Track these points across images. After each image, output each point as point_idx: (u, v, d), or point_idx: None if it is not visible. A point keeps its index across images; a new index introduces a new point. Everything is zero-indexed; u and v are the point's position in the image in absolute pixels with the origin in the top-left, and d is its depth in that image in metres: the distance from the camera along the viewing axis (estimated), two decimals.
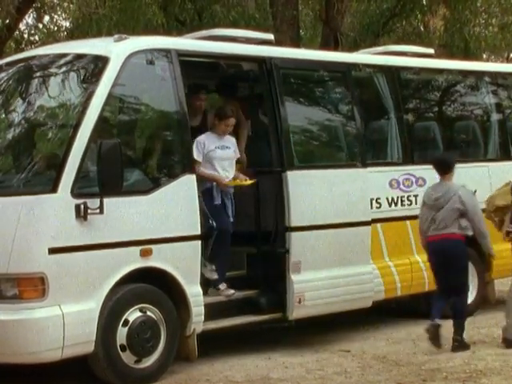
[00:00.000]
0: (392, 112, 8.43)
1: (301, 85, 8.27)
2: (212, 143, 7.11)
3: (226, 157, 7.18)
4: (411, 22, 16.98)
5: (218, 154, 7.11)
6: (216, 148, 7.10)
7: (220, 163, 7.11)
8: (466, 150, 9.42)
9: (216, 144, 7.13)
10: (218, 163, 7.09)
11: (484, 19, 18.05)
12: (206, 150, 7.03)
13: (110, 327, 5.97)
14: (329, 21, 13.12)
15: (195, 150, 6.92)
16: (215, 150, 7.09)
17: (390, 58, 8.75)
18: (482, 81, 9.54)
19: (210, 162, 7.07)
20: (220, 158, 7.10)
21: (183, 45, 7.09)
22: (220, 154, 7.12)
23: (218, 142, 7.16)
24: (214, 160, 7.07)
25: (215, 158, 7.08)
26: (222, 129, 7.18)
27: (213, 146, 7.09)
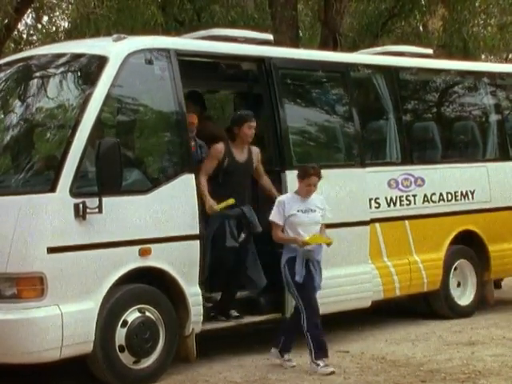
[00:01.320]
0: (391, 112, 8.43)
1: (300, 85, 8.26)
2: (294, 206, 6.54)
3: (310, 221, 6.56)
4: (410, 23, 16.97)
5: (301, 219, 6.52)
6: (298, 212, 6.53)
7: (303, 229, 6.51)
8: (465, 150, 9.42)
9: (299, 207, 6.55)
10: (302, 229, 6.51)
11: (483, 19, 18.05)
12: (287, 213, 6.52)
13: (108, 327, 5.95)
14: (327, 21, 13.12)
15: (275, 212, 6.55)
16: (297, 213, 6.52)
17: (389, 58, 8.76)
18: (481, 81, 9.54)
19: (292, 227, 6.52)
20: (303, 223, 6.52)
21: (182, 44, 7.08)
22: (302, 218, 6.53)
23: (301, 204, 6.57)
24: (295, 225, 6.52)
25: (297, 223, 6.51)
26: (305, 190, 6.58)
27: (295, 209, 6.52)
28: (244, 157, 6.96)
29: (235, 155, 6.92)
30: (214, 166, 6.87)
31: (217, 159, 6.88)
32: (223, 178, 6.91)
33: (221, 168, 6.88)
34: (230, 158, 6.89)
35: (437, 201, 8.45)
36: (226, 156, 6.89)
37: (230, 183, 6.88)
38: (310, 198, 6.63)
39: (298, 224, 6.52)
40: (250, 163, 7.00)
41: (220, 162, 6.88)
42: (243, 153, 6.96)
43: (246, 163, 6.97)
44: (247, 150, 6.99)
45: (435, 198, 8.44)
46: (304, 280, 6.44)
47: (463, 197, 8.70)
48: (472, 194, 8.79)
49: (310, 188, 6.59)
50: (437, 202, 8.45)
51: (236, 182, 6.89)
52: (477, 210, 8.80)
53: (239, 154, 6.95)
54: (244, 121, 6.86)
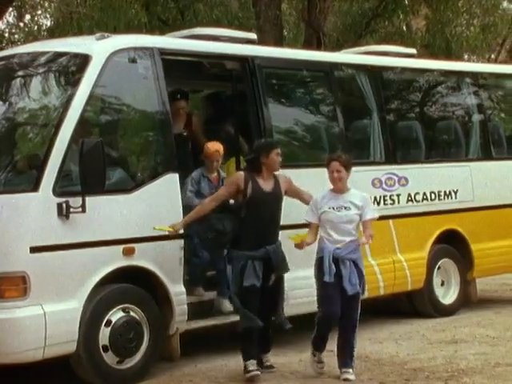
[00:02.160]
0: (374, 112, 8.44)
1: (284, 84, 8.27)
2: (327, 202, 6.17)
3: (340, 220, 6.11)
4: (393, 22, 17.01)
5: (329, 217, 6.13)
6: (330, 209, 6.14)
7: (333, 227, 6.12)
8: (448, 149, 9.46)
9: (331, 203, 6.16)
10: (331, 227, 6.13)
11: (465, 20, 18.15)
12: (319, 211, 6.15)
13: (92, 327, 5.92)
14: (311, 21, 13.13)
15: (308, 209, 6.25)
16: (327, 210, 6.14)
17: (373, 57, 8.78)
18: (464, 81, 9.58)
19: (322, 225, 6.17)
20: (331, 222, 6.12)
21: (166, 43, 7.06)
22: (331, 216, 6.12)
23: (334, 200, 6.17)
24: (324, 223, 6.15)
25: (326, 221, 6.14)
26: (331, 180, 6.20)
27: (326, 206, 6.15)
28: (270, 186, 6.24)
29: (260, 184, 6.19)
30: (229, 193, 6.27)
31: (235, 186, 6.21)
32: (246, 212, 6.16)
33: (243, 199, 6.18)
34: (255, 187, 6.16)
35: (420, 200, 8.48)
36: (247, 184, 6.15)
37: (254, 217, 6.13)
38: (345, 194, 6.19)
39: (327, 222, 6.14)
40: (278, 193, 6.28)
41: (241, 192, 6.18)
42: (269, 182, 6.25)
43: (274, 193, 6.24)
44: (273, 178, 6.30)
45: (419, 197, 8.47)
46: (328, 285, 6.05)
47: (446, 196, 8.73)
48: (455, 193, 8.82)
49: (333, 176, 6.15)
50: (420, 201, 8.48)
51: (261, 216, 6.14)
52: (460, 210, 8.83)
53: (265, 183, 6.22)
54: (272, 147, 6.26)
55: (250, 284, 6.02)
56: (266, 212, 6.15)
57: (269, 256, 6.13)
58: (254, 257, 6.07)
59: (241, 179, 6.19)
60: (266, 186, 6.22)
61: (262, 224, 6.12)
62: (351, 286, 6.09)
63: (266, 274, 6.13)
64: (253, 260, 6.07)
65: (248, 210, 6.14)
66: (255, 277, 6.05)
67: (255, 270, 6.05)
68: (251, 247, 6.09)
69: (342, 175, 6.18)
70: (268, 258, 6.13)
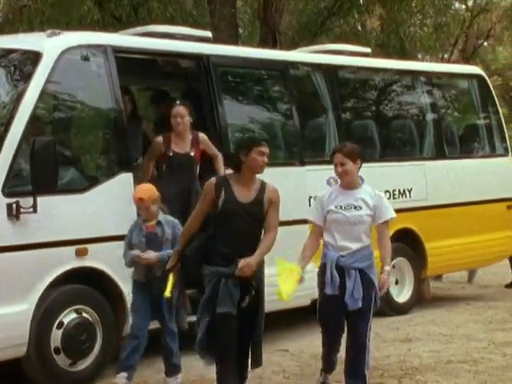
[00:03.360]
0: (330, 110, 8.46)
1: (239, 83, 8.24)
2: (334, 200, 5.29)
3: (348, 220, 5.24)
4: (348, 22, 17.11)
5: (335, 217, 5.26)
6: (337, 208, 5.27)
7: (340, 230, 5.26)
8: (403, 148, 9.53)
9: (339, 201, 5.28)
10: (337, 230, 5.27)
11: (419, 20, 18.32)
12: (325, 209, 5.30)
13: (43, 329, 5.83)
14: (267, 19, 13.12)
15: (311, 208, 5.55)
16: (333, 209, 5.28)
17: (328, 56, 8.79)
18: (418, 80, 9.66)
19: (327, 227, 5.31)
20: (337, 223, 5.26)
21: (119, 41, 6.97)
22: (337, 216, 5.25)
23: (342, 198, 5.29)
24: (330, 225, 5.28)
25: (331, 222, 5.27)
26: (336, 174, 5.37)
27: (333, 205, 5.28)
28: (249, 195, 5.05)
29: (236, 192, 5.01)
30: (207, 205, 5.10)
31: (210, 196, 5.07)
32: (216, 223, 5.06)
33: (213, 209, 5.07)
34: (228, 196, 5.00)
35: None
36: (220, 193, 5.00)
37: (228, 232, 5.01)
38: (356, 191, 5.31)
39: (333, 223, 5.24)
40: (259, 205, 5.04)
41: (214, 202, 5.06)
42: (250, 190, 5.06)
43: (253, 204, 5.03)
44: (257, 186, 5.09)
45: None
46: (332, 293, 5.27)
47: (401, 195, 8.79)
48: (409, 192, 8.89)
49: (338, 170, 5.30)
50: None
51: (235, 232, 4.99)
52: (414, 208, 8.90)
53: (243, 192, 5.04)
54: (254, 144, 5.08)
55: (224, 311, 4.97)
56: (237, 228, 4.99)
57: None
58: (229, 274, 4.98)
59: (212, 186, 5.07)
60: (244, 195, 5.02)
61: (233, 240, 5.01)
62: (352, 301, 5.23)
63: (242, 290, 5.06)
64: (227, 278, 4.99)
65: (218, 225, 5.04)
66: (230, 302, 4.98)
67: (230, 292, 4.99)
68: (223, 264, 5.01)
69: (348, 168, 5.26)
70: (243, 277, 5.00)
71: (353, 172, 5.31)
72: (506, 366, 6.47)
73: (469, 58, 25.43)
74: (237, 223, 5.00)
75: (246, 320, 5.14)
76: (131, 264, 5.89)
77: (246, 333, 5.19)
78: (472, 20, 23.62)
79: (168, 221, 5.94)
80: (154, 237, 5.86)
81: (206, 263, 5.10)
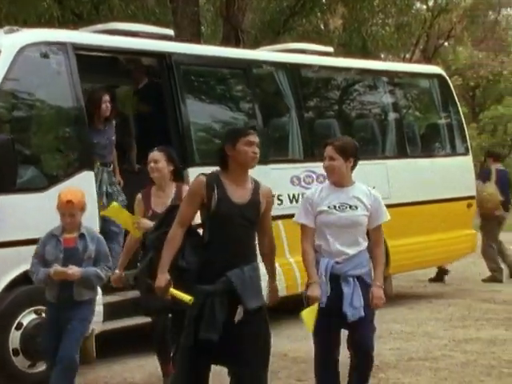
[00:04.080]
0: (293, 109, 8.47)
1: (202, 81, 8.20)
2: (325, 198, 4.68)
3: (343, 223, 4.63)
4: (311, 21, 17.16)
5: (328, 218, 4.64)
6: (330, 207, 4.66)
7: (334, 234, 4.65)
8: (365, 147, 9.56)
9: (332, 200, 4.67)
10: (331, 233, 4.66)
11: (381, 19, 18.44)
12: (316, 209, 4.67)
13: (1, 331, 5.75)
14: (230, 17, 13.08)
15: (300, 208, 4.80)
16: (328, 210, 4.65)
17: (291, 55, 8.80)
18: (380, 80, 9.72)
19: (319, 230, 4.68)
20: (331, 225, 4.65)
21: (79, 38, 6.89)
22: (330, 217, 4.64)
23: (336, 196, 4.68)
24: (322, 227, 4.66)
25: (324, 224, 4.65)
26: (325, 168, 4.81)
27: (325, 204, 4.66)
28: (245, 196, 4.37)
29: (230, 192, 4.33)
30: (194, 210, 4.43)
31: (199, 197, 4.35)
32: (209, 233, 4.34)
33: (205, 212, 4.38)
34: (221, 197, 4.31)
35: None
36: (212, 193, 4.30)
37: (221, 241, 4.31)
38: (348, 189, 4.69)
39: (326, 225, 4.62)
40: (255, 207, 4.39)
41: (204, 204, 4.35)
42: (244, 189, 4.38)
43: (249, 206, 4.36)
44: (251, 185, 4.43)
45: None
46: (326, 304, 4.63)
47: None
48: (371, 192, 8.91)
49: (324, 164, 4.72)
50: None
51: (228, 239, 4.31)
52: None
53: (237, 191, 4.35)
54: (240, 134, 4.42)
55: (205, 338, 4.21)
56: (233, 233, 4.30)
57: (231, 286, 4.25)
58: (215, 292, 4.24)
59: (202, 186, 4.34)
60: (239, 195, 4.35)
61: (229, 248, 4.30)
62: (353, 310, 4.62)
63: (232, 309, 4.28)
64: (212, 298, 4.23)
65: (212, 231, 4.33)
66: (213, 326, 4.21)
67: (214, 315, 4.21)
68: (212, 278, 4.27)
69: (336, 164, 4.66)
70: (231, 291, 4.25)
71: (341, 170, 4.69)
72: (465, 362, 6.54)
73: (430, 57, 25.68)
74: (232, 228, 4.28)
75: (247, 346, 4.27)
76: (45, 282, 5.02)
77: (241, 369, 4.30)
78: (433, 20, 23.84)
79: (93, 235, 5.13)
80: (74, 252, 5.02)
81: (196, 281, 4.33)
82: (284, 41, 13.21)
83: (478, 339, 7.43)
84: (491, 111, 35.64)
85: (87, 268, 5.01)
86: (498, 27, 33.68)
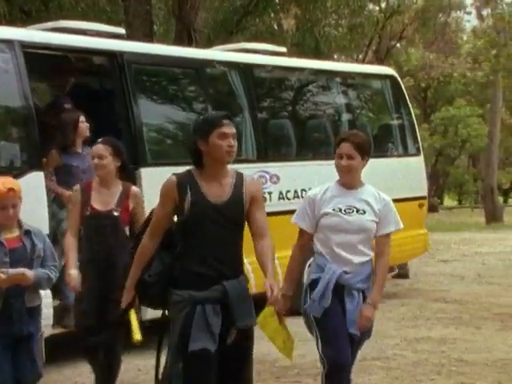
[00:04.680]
0: (246, 109, 8.44)
1: (154, 81, 8.12)
2: (330, 200, 4.17)
3: (350, 227, 4.13)
4: (264, 20, 17.18)
5: (333, 222, 4.13)
6: (336, 210, 4.14)
7: (338, 240, 4.13)
8: (318, 147, 9.59)
9: (337, 202, 4.16)
10: (335, 239, 4.15)
11: (334, 20, 18.55)
12: (318, 212, 4.17)
13: None
14: (182, 16, 13.00)
15: (300, 209, 4.27)
16: (333, 213, 4.14)
17: (244, 55, 8.77)
18: (333, 80, 9.75)
19: (321, 235, 4.18)
20: (336, 229, 4.13)
21: (28, 36, 6.74)
22: (336, 221, 4.12)
23: (342, 198, 4.18)
24: (326, 231, 4.15)
25: (328, 228, 4.14)
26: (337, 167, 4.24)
27: (329, 206, 4.15)
28: (224, 193, 3.89)
29: (205, 191, 3.86)
30: (169, 213, 3.92)
31: (172, 200, 3.87)
32: (183, 235, 3.89)
33: (178, 217, 3.91)
34: (196, 196, 3.84)
35: (292, 198, 8.54)
36: (185, 194, 3.83)
37: (199, 244, 3.84)
38: (358, 191, 4.22)
39: (329, 229, 4.11)
40: (238, 205, 3.90)
41: (178, 206, 3.87)
42: (223, 185, 3.90)
43: (230, 204, 3.87)
44: (231, 180, 3.93)
45: (290, 195, 8.53)
46: (328, 315, 4.20)
47: None
48: None
49: (341, 163, 4.17)
50: (292, 199, 8.54)
51: (209, 242, 3.84)
52: None
53: (213, 189, 3.87)
54: (214, 124, 3.89)
55: (199, 348, 3.75)
56: (212, 238, 3.83)
57: (227, 297, 3.84)
58: (206, 299, 3.81)
59: (173, 187, 3.85)
60: (215, 193, 3.86)
61: (207, 257, 3.84)
62: (352, 326, 4.23)
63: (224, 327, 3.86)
64: (203, 305, 3.80)
65: (186, 238, 3.86)
66: (208, 334, 3.78)
67: (207, 322, 3.78)
68: (196, 286, 3.81)
69: (354, 164, 4.19)
70: (225, 301, 3.84)
71: (358, 170, 4.25)
72: (417, 361, 6.59)
73: (382, 58, 25.92)
74: (210, 231, 3.81)
75: (231, 362, 3.93)
76: None
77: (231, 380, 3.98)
78: (385, 21, 24.09)
79: (37, 232, 4.48)
80: (22, 252, 4.35)
81: (175, 287, 3.87)
82: (237, 40, 13.19)
83: (428, 338, 7.50)
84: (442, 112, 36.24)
85: (37, 270, 4.36)
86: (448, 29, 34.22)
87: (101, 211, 5.05)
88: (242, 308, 3.89)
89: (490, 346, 7.07)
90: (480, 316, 8.57)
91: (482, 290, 10.37)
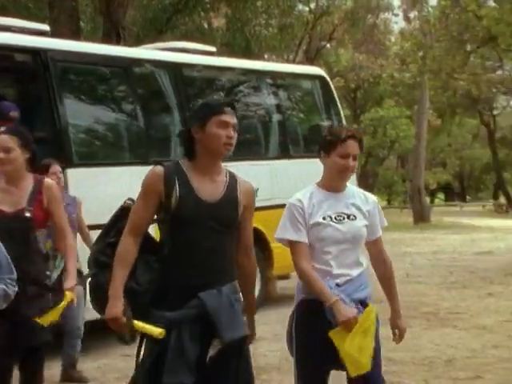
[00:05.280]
0: (176, 109, 8.34)
1: (80, 80, 7.93)
2: (319, 207, 3.65)
3: (347, 237, 3.63)
4: (194, 19, 17.08)
5: (331, 233, 3.61)
6: (326, 219, 3.63)
7: (334, 251, 3.61)
8: (249, 148, 9.54)
9: (327, 208, 3.65)
10: (329, 251, 3.62)
11: (264, 20, 18.58)
12: (308, 222, 3.63)
13: None
14: (110, 13, 12.77)
15: (287, 219, 3.71)
16: (324, 223, 3.62)
17: (173, 54, 8.66)
18: (263, 80, 9.71)
19: (313, 246, 3.63)
20: (331, 240, 3.61)
21: None
22: (333, 232, 3.61)
23: (331, 203, 3.67)
24: (318, 243, 3.62)
25: (321, 239, 3.62)
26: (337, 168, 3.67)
27: (319, 215, 3.63)
28: (217, 191, 3.39)
29: (196, 187, 3.33)
30: (151, 212, 3.35)
31: (156, 196, 3.31)
32: (169, 236, 3.34)
33: (163, 214, 3.34)
34: (185, 192, 3.31)
35: None
36: (172, 189, 3.29)
37: (183, 246, 3.30)
38: (343, 194, 3.69)
39: (320, 241, 3.60)
40: (231, 205, 3.41)
41: (162, 203, 3.32)
42: (215, 183, 3.40)
43: (224, 204, 3.38)
44: (224, 179, 3.45)
45: None
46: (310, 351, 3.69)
47: None
48: (256, 191, 8.87)
49: (348, 164, 3.60)
50: None
51: (200, 248, 3.30)
52: (260, 208, 8.82)
53: (207, 185, 3.37)
54: (215, 111, 3.39)
55: (175, 381, 3.22)
56: (202, 241, 3.29)
57: (205, 311, 3.26)
58: (182, 320, 3.26)
59: (159, 179, 3.30)
60: (208, 190, 3.35)
61: (197, 262, 3.31)
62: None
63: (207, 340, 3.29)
64: (179, 327, 3.24)
65: (173, 239, 3.31)
66: (185, 366, 3.23)
67: (183, 348, 3.22)
68: (177, 302, 3.28)
69: (356, 164, 3.69)
70: (205, 316, 3.26)
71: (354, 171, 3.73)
72: None
73: (312, 59, 26.13)
74: (201, 235, 3.27)
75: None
76: None
77: None
78: (315, 22, 24.31)
79: None
80: None
81: (153, 305, 3.30)
82: (167, 39, 13.06)
83: None
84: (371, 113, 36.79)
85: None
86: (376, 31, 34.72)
87: (8, 213, 4.22)
88: (227, 320, 3.28)
89: (418, 345, 7.13)
90: (408, 315, 8.62)
91: (410, 289, 10.48)
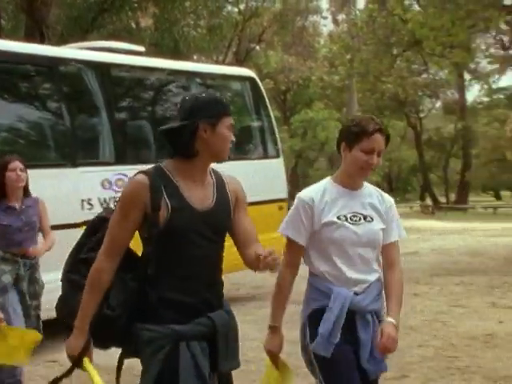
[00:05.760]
0: (103, 110, 8.18)
1: (2, 79, 7.68)
2: (333, 205, 3.29)
3: (362, 240, 3.29)
4: (121, 19, 16.85)
5: (346, 235, 3.27)
6: (341, 219, 3.28)
7: (348, 255, 3.28)
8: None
9: (341, 207, 3.30)
10: (343, 255, 3.28)
11: (193, 20, 18.48)
12: (319, 220, 3.28)
13: None
14: (33, 11, 12.45)
15: (292, 216, 3.36)
16: (338, 223, 3.27)
17: (100, 54, 8.49)
18: (194, 81, 9.63)
19: (322, 250, 3.30)
20: (345, 243, 3.27)
21: None
22: (348, 234, 3.27)
23: (346, 202, 3.31)
24: (329, 246, 3.28)
25: (332, 242, 3.28)
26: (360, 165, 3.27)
27: (333, 214, 3.28)
28: (207, 196, 3.01)
29: (186, 193, 2.95)
30: (134, 225, 2.94)
31: (141, 206, 2.90)
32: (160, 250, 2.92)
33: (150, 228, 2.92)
34: (177, 202, 2.92)
35: None
36: (160, 197, 2.90)
37: (181, 265, 2.94)
38: (359, 192, 3.34)
39: (333, 243, 3.26)
40: (224, 209, 3.06)
41: (148, 215, 2.91)
42: (204, 187, 3.02)
43: (216, 210, 3.02)
44: (212, 180, 3.08)
45: None
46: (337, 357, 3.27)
47: None
48: None
49: (371, 160, 3.22)
50: None
51: (193, 262, 2.96)
52: None
53: (197, 191, 2.98)
54: (222, 113, 2.97)
55: None
56: (197, 257, 2.96)
57: (215, 333, 2.98)
58: (191, 335, 2.92)
59: (143, 190, 2.89)
60: (198, 196, 2.98)
61: (196, 276, 2.98)
62: (375, 363, 3.31)
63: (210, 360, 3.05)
64: (188, 342, 2.91)
65: (163, 254, 2.92)
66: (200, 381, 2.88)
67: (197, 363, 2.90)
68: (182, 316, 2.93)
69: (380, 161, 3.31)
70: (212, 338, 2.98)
71: None
72: None
73: (242, 60, 26.13)
74: (194, 247, 2.93)
75: None
76: None
77: None
78: (244, 23, 24.32)
79: None
80: None
81: (147, 321, 2.93)
82: (93, 39, 12.83)
83: (286, 341, 7.48)
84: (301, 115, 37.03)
85: None
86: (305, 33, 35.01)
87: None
88: (229, 347, 3.05)
89: None
90: None
91: None
